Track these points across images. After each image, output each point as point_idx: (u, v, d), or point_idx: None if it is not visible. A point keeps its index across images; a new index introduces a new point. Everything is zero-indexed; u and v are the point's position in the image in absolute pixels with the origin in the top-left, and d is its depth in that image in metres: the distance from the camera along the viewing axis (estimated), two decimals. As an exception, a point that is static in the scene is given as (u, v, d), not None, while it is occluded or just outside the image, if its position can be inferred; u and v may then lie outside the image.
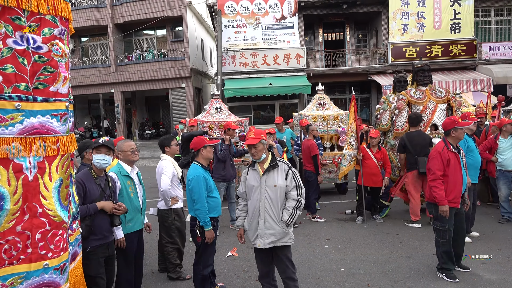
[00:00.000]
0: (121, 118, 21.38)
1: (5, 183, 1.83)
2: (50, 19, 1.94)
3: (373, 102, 20.63)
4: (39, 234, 1.98)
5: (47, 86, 1.96)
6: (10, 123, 1.84)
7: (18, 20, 1.83)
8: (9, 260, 1.88)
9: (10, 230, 1.87)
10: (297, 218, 3.77)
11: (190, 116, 20.53)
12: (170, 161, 4.91)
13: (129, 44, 22.74)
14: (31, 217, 1.94)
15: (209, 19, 23.40)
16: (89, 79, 21.17)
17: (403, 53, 18.40)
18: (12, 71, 1.82)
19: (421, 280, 4.66)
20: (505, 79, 17.35)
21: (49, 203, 2.01)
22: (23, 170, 1.90)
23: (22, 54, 1.85)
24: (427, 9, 18.27)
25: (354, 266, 5.16)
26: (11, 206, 1.85)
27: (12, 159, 1.86)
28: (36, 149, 1.93)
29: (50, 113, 1.98)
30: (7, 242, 1.87)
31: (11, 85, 1.82)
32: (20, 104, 1.86)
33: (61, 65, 2.01)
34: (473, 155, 6.01)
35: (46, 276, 2.01)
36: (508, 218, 6.82)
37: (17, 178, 1.88)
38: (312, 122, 8.73)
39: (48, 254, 2.00)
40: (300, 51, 18.49)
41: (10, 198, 1.84)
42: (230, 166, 6.84)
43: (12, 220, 1.86)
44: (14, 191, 1.86)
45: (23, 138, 1.88)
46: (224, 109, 9.51)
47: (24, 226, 1.92)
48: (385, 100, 8.44)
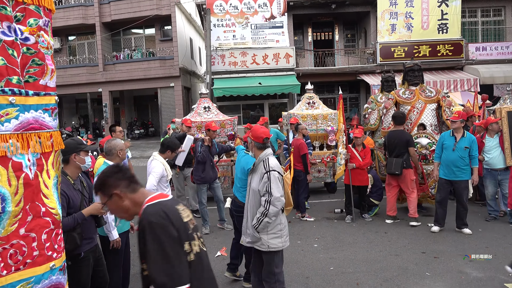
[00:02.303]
0: (109, 118, 21.17)
1: (5, 183, 1.74)
2: (34, 9, 1.88)
3: (362, 101, 20.73)
4: (45, 235, 1.91)
5: (37, 80, 1.89)
6: (6, 118, 1.76)
7: (4, 10, 1.76)
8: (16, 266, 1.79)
9: (14, 234, 1.78)
10: (264, 225, 3.54)
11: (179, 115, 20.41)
12: (161, 162, 4.86)
13: (117, 43, 22.53)
14: (35, 218, 1.87)
15: (198, 18, 23.29)
16: (77, 78, 20.92)
17: (392, 53, 18.52)
18: (3, 63, 1.74)
19: (409, 278, 4.68)
20: (492, 79, 17.57)
21: (50, 201, 1.95)
22: (23, 169, 1.82)
23: (11, 46, 1.78)
24: (415, 10, 18.42)
25: (343, 265, 5.16)
26: (13, 207, 1.76)
27: (10, 158, 1.77)
28: (33, 146, 1.86)
29: (42, 108, 1.91)
30: (12, 247, 1.77)
31: (3, 79, 1.75)
32: (14, 99, 1.78)
33: (48, 58, 1.94)
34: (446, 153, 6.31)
35: (54, 278, 1.96)
36: (495, 216, 6.89)
37: (18, 178, 1.79)
38: (301, 121, 8.72)
39: (53, 254, 1.95)
40: (290, 51, 18.50)
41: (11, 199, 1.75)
42: (210, 167, 6.69)
43: (15, 223, 1.78)
44: (15, 191, 1.77)
45: (19, 135, 1.81)
46: (213, 108, 9.34)
47: (28, 228, 1.84)
48: (373, 99, 8.49)
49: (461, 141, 6.20)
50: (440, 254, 5.40)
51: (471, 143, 6.17)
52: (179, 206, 2.02)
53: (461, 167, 6.19)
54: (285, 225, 3.71)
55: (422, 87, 7.66)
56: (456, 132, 6.27)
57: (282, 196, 3.53)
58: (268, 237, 3.61)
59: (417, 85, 7.70)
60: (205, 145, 6.58)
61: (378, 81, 17.02)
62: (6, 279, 1.76)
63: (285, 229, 3.69)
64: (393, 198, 6.98)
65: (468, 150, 6.14)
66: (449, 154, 6.26)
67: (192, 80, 24.11)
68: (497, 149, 6.85)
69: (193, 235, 1.96)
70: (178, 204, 2.04)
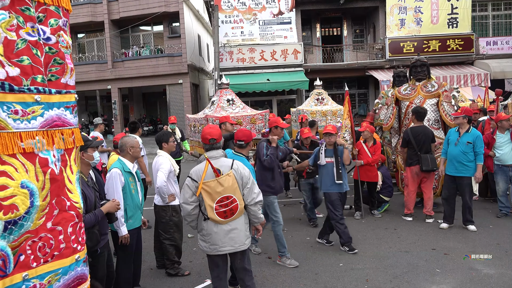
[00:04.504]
0: (118, 115, 21.30)
1: (33, 179, 1.80)
2: (54, 10, 1.94)
3: (370, 97, 20.62)
4: (70, 228, 1.98)
5: (58, 78, 1.96)
6: (32, 116, 1.83)
7: (27, 11, 1.82)
8: (44, 258, 1.87)
9: (41, 227, 1.86)
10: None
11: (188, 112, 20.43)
12: (167, 157, 4.87)
13: (126, 40, 22.62)
14: (61, 212, 1.94)
15: (206, 15, 23.29)
16: (86, 75, 21.06)
17: (401, 48, 18.36)
18: (28, 63, 1.80)
19: (419, 275, 4.67)
20: (503, 73, 17.36)
21: (74, 195, 2.02)
22: (49, 164, 1.89)
23: (35, 46, 1.84)
24: (425, 4, 18.23)
25: (352, 261, 5.16)
26: (40, 202, 1.83)
27: (37, 154, 1.84)
28: (57, 142, 1.92)
29: (64, 105, 1.98)
30: (40, 240, 1.85)
31: (29, 78, 1.81)
32: (39, 97, 1.84)
33: (67, 57, 2.02)
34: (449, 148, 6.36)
35: (79, 269, 2.03)
36: (506, 213, 6.83)
37: (44, 173, 1.86)
38: (310, 117, 8.71)
39: (77, 247, 2.03)
40: (298, 47, 18.44)
41: (39, 194, 1.82)
42: (280, 174, 5.34)
43: (42, 217, 1.85)
44: (42, 186, 1.84)
45: (45, 131, 1.87)
46: (237, 101, 7.77)
47: (55, 222, 1.91)
48: (384, 94, 8.45)
49: (464, 136, 6.18)
50: (451, 250, 5.38)
51: (475, 138, 6.12)
52: None
53: (463, 162, 6.15)
54: (210, 233, 3.49)
55: (425, 82, 7.59)
56: (461, 127, 6.27)
57: (183, 203, 3.50)
58: (198, 236, 3.67)
59: (420, 81, 7.64)
60: (273, 147, 5.20)
61: (387, 77, 16.96)
62: (36, 270, 1.83)
63: (209, 236, 3.50)
64: (414, 194, 6.93)
65: (471, 146, 6.10)
66: (452, 149, 6.28)
67: (200, 76, 24.15)
68: (509, 145, 6.79)
69: None
70: None
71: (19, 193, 1.73)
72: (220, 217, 3.42)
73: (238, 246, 3.52)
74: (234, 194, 3.42)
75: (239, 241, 3.52)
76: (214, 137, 3.57)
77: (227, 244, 3.49)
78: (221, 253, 3.54)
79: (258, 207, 3.56)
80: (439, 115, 7.39)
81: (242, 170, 3.51)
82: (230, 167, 3.47)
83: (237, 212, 3.46)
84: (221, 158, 3.57)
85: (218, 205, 3.40)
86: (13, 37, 1.75)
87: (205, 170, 3.42)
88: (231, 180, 3.41)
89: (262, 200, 3.62)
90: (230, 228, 3.48)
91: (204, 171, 3.42)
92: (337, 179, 5.44)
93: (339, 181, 5.45)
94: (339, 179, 5.44)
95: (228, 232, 3.48)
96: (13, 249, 1.72)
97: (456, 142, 6.22)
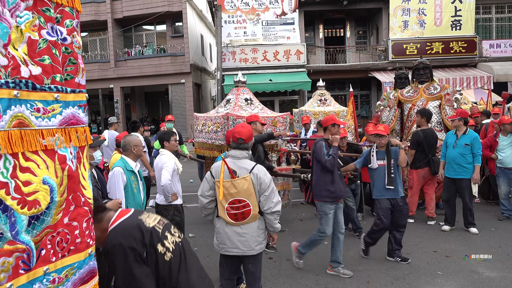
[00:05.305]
0: (121, 114, 21.34)
1: (52, 175, 1.85)
2: (69, 11, 2.00)
3: (373, 99, 20.60)
4: (85, 223, 2.04)
5: (73, 78, 2.01)
6: (52, 114, 1.88)
7: (48, 12, 1.87)
8: (62, 253, 1.92)
9: (59, 222, 1.91)
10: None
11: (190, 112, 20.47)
12: (170, 156, 4.87)
13: (129, 39, 22.67)
14: (76, 207, 1.99)
15: (209, 15, 23.32)
16: (89, 74, 21.09)
17: (404, 50, 18.36)
18: (49, 62, 1.86)
19: (420, 277, 4.66)
20: (506, 76, 17.33)
21: (87, 191, 2.07)
22: (67, 161, 1.94)
23: (54, 46, 1.90)
24: (428, 6, 18.22)
25: (353, 262, 5.16)
26: (58, 197, 1.88)
27: (56, 151, 1.89)
28: (73, 140, 1.99)
29: (77, 104, 2.04)
30: (59, 235, 1.90)
31: (49, 76, 1.86)
32: (58, 95, 1.90)
33: (79, 57, 2.08)
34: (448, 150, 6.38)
35: (91, 263, 2.08)
36: (508, 216, 6.82)
37: (62, 169, 1.91)
38: (313, 118, 8.71)
39: (90, 241, 2.08)
40: (300, 47, 18.44)
41: (57, 189, 1.87)
42: (340, 178, 4.80)
43: (60, 212, 1.90)
44: (60, 182, 1.89)
45: (63, 129, 1.93)
46: (255, 101, 7.04)
47: (71, 217, 1.96)
48: (385, 96, 8.44)
49: (462, 138, 6.20)
50: (452, 253, 5.37)
51: (473, 140, 6.14)
52: (141, 216, 2.22)
53: (462, 164, 6.16)
54: (220, 232, 3.50)
55: (428, 84, 7.60)
56: (458, 130, 6.30)
57: (200, 195, 3.55)
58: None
59: (423, 83, 7.65)
60: (334, 146, 4.68)
61: (390, 79, 16.93)
62: (55, 264, 1.88)
63: (219, 234, 3.52)
64: (417, 196, 6.93)
65: (469, 147, 6.12)
66: (450, 151, 6.30)
67: (203, 76, 24.18)
68: (511, 148, 6.77)
69: (164, 235, 2.18)
70: (141, 215, 2.24)
71: (41, 189, 1.78)
72: (231, 219, 3.38)
73: (246, 251, 3.45)
74: (248, 199, 3.32)
75: (248, 245, 3.43)
76: (243, 137, 3.44)
77: (235, 247, 3.44)
78: (228, 253, 3.51)
79: (275, 217, 3.42)
80: (441, 117, 7.39)
81: (263, 176, 3.36)
82: (249, 171, 3.35)
83: (249, 217, 3.37)
84: (243, 159, 3.45)
85: (230, 206, 3.35)
86: (35, 37, 1.81)
87: (222, 169, 3.36)
88: (246, 184, 3.30)
89: (280, 211, 3.46)
90: (241, 232, 3.41)
91: (221, 170, 3.36)
92: (387, 184, 4.92)
93: (390, 186, 4.93)
94: (390, 184, 4.91)
95: (238, 235, 3.42)
96: (36, 243, 1.78)
97: (454, 144, 6.25)
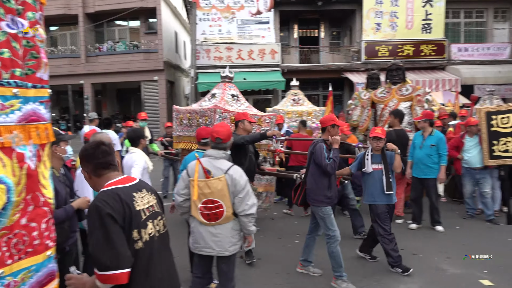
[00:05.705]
0: (91, 111, 20.82)
1: (10, 174, 1.77)
2: (31, 3, 1.93)
3: (345, 99, 20.84)
4: (44, 224, 1.97)
5: (34, 72, 1.94)
6: (11, 110, 1.81)
7: (8, 2, 1.80)
8: (18, 255, 1.84)
9: (16, 223, 1.83)
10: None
11: (162, 109, 20.22)
12: (140, 154, 4.77)
13: (101, 34, 22.14)
14: (35, 208, 1.93)
15: (184, 12, 23.05)
16: (58, 69, 20.47)
17: (376, 52, 18.68)
18: (8, 56, 1.78)
19: (388, 275, 4.75)
20: (472, 79, 17.87)
21: (48, 191, 2.01)
22: (25, 160, 1.87)
23: (15, 39, 1.82)
24: (400, 9, 18.60)
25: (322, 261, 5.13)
26: (15, 197, 1.80)
27: (14, 148, 1.82)
28: (33, 137, 1.92)
29: (38, 100, 1.97)
30: (15, 236, 1.83)
31: (8, 71, 1.79)
32: (18, 91, 1.83)
33: (42, 51, 2.00)
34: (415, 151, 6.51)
35: (50, 266, 2.02)
36: (472, 214, 7.03)
37: (21, 168, 1.84)
38: (286, 117, 8.73)
39: (49, 243, 2.02)
40: (275, 47, 18.49)
41: (14, 189, 1.79)
42: (335, 181, 4.75)
43: (17, 213, 1.83)
44: (18, 181, 1.81)
45: (22, 126, 1.86)
46: (241, 98, 6.72)
47: (29, 218, 1.90)
48: (357, 96, 8.57)
49: (428, 139, 6.37)
50: (419, 251, 5.48)
51: (438, 141, 6.31)
52: (137, 193, 2.13)
53: (428, 165, 6.32)
54: (194, 231, 3.45)
55: (401, 85, 7.75)
56: (424, 131, 6.46)
57: (176, 193, 3.53)
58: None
59: (396, 84, 7.81)
60: (335, 149, 4.50)
61: (362, 79, 17.17)
62: (11, 268, 1.80)
63: (193, 234, 3.47)
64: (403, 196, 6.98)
65: (435, 148, 6.28)
66: (417, 152, 6.45)
67: (176, 74, 23.90)
68: (476, 148, 6.97)
69: (145, 223, 2.08)
70: (138, 191, 2.15)
71: None
72: (204, 219, 3.32)
73: (220, 251, 3.39)
74: (221, 200, 3.25)
75: (221, 246, 3.38)
76: (221, 136, 3.40)
77: (209, 246, 3.39)
78: (201, 253, 3.47)
79: (249, 219, 3.35)
80: (412, 118, 7.55)
81: (238, 178, 3.27)
82: (225, 172, 3.27)
83: (222, 218, 3.31)
84: (220, 159, 3.37)
85: (203, 206, 3.29)
86: None
87: (196, 168, 3.29)
88: (220, 185, 3.23)
89: (255, 214, 3.39)
90: (215, 232, 3.36)
91: (196, 169, 3.29)
92: (387, 189, 4.78)
93: (389, 192, 4.81)
94: (389, 189, 4.78)
95: (212, 235, 3.36)
96: None
97: (421, 145, 6.41)
